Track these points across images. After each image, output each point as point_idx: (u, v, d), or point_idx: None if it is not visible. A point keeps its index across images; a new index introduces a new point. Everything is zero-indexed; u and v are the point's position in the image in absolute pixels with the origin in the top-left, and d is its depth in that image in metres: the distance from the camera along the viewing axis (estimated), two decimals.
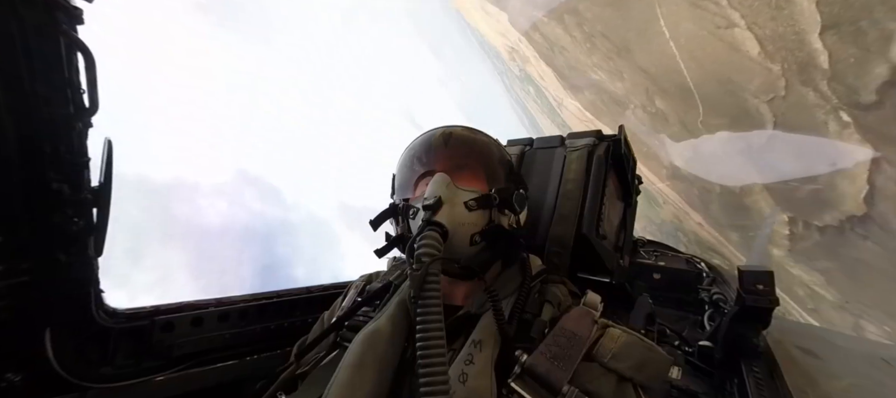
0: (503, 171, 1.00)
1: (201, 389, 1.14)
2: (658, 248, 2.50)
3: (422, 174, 0.97)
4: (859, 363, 1.36)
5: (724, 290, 1.89)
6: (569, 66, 9.79)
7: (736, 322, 1.26)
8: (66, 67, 0.79)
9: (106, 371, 1.01)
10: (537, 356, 0.76)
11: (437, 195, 0.84)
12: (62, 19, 0.76)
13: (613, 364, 0.76)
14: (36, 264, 0.85)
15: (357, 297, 1.08)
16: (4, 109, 0.74)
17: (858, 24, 3.04)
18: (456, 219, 0.85)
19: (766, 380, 1.13)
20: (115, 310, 1.04)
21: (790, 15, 3.52)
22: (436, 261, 0.72)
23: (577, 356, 0.76)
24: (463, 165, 0.95)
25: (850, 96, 3.51)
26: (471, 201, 0.88)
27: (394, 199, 1.05)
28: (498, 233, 0.91)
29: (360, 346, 0.84)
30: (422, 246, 0.74)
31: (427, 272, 0.70)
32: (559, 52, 9.74)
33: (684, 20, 4.83)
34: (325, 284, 1.50)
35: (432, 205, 0.83)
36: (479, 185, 0.94)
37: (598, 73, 8.26)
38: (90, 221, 0.90)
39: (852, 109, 3.54)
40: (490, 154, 0.99)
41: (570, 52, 9.11)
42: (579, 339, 0.78)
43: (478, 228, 0.89)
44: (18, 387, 0.86)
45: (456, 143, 0.97)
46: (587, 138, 1.36)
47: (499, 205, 0.92)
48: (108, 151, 0.90)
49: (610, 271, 1.26)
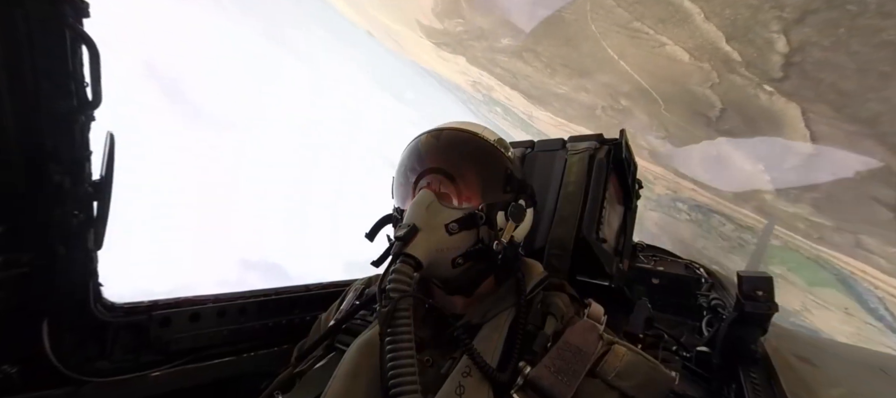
0: (500, 178, 0.91)
1: (198, 385, 1.14)
2: (657, 253, 2.50)
3: (415, 182, 0.92)
4: (856, 371, 1.37)
5: (722, 296, 1.90)
6: (534, 87, 11.50)
7: (735, 327, 1.26)
8: (71, 60, 0.79)
9: (103, 365, 1.01)
10: (541, 369, 0.75)
11: (411, 223, 0.79)
12: (68, 12, 0.76)
13: (617, 382, 0.76)
14: (35, 256, 0.85)
15: (355, 301, 1.07)
16: (8, 101, 0.74)
17: (748, 36, 4.95)
18: (433, 246, 0.80)
19: (763, 387, 1.13)
20: (114, 305, 1.03)
21: (701, 34, 5.38)
22: (405, 298, 0.71)
23: (582, 371, 0.75)
24: (453, 176, 0.88)
25: (765, 75, 5.25)
26: (452, 224, 0.82)
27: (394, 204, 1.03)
28: (481, 256, 0.86)
29: (355, 355, 0.84)
30: (391, 281, 0.72)
31: (395, 308, 0.69)
32: (523, 78, 10.91)
33: (628, 48, 6.76)
34: (324, 283, 1.49)
35: (403, 237, 0.77)
36: (471, 197, 0.88)
37: (563, 89, 9.73)
38: (90, 215, 0.90)
39: (771, 83, 5.34)
40: (485, 160, 0.91)
41: (533, 78, 11.01)
42: (584, 355, 0.78)
43: (460, 251, 0.84)
44: (14, 379, 0.86)
45: (447, 149, 0.90)
46: (588, 142, 1.36)
47: (487, 222, 0.85)
48: (111, 145, 0.90)
49: (609, 275, 1.26)
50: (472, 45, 11.54)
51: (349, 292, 1.13)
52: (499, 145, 0.94)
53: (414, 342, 0.69)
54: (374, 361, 0.77)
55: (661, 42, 6.15)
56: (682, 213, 9.81)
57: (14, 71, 0.74)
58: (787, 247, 8.17)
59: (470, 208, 0.85)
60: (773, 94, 5.58)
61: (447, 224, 0.82)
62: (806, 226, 7.26)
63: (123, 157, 0.91)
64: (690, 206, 9.37)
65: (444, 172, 0.89)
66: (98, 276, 0.97)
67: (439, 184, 0.89)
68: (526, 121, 13.49)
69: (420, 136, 0.95)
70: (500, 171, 0.91)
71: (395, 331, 0.69)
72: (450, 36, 11.95)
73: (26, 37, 0.73)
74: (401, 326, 0.70)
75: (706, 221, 9.23)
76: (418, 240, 0.78)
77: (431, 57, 14.62)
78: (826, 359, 1.42)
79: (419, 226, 0.79)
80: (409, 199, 0.91)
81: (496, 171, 0.91)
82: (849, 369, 1.40)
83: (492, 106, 15.06)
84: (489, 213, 0.86)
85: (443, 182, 0.88)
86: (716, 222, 9.00)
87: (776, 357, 1.26)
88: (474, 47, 11.60)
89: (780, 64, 5.09)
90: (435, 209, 0.83)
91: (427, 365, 0.82)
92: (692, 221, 9.70)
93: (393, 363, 0.66)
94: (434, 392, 0.75)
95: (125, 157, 0.95)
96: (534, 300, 0.92)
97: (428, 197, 0.84)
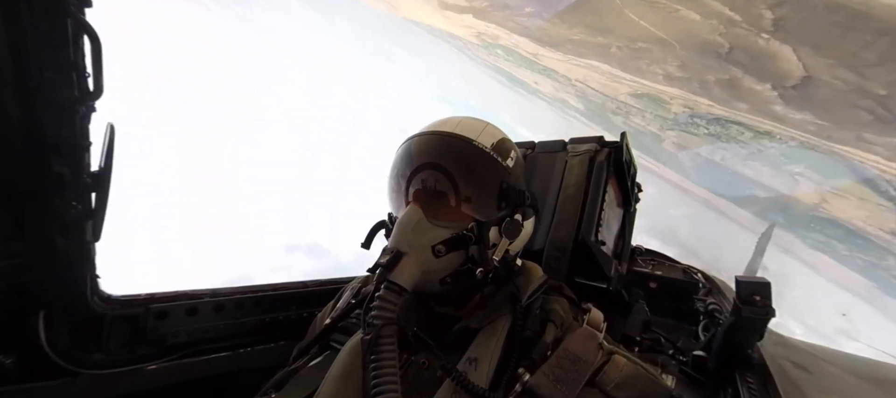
0: (495, 192, 0.84)
1: (193, 379, 1.14)
2: (655, 258, 2.50)
3: (405, 188, 0.87)
4: (852, 380, 1.37)
5: (719, 301, 1.90)
6: (547, 35, 13.43)
7: (732, 332, 1.26)
8: (73, 50, 0.78)
9: (98, 357, 1.00)
10: (540, 377, 0.75)
11: (396, 248, 0.76)
12: (71, 1, 0.76)
13: (615, 393, 0.76)
14: (33, 246, 0.84)
15: (351, 299, 1.06)
16: (10, 89, 0.74)
17: (745, 8, 9.74)
18: (419, 269, 0.77)
19: (759, 392, 1.13)
20: (110, 297, 1.03)
21: (709, 6, 9.17)
22: (389, 325, 0.71)
23: (581, 381, 0.75)
24: (443, 191, 0.83)
25: (761, 29, 9.67)
26: (439, 246, 0.78)
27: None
28: (470, 275, 0.82)
29: (347, 357, 0.84)
30: (375, 308, 0.71)
31: (379, 336, 0.69)
32: (537, 30, 13.28)
33: (646, 13, 9.34)
34: (321, 279, 1.49)
35: (386, 264, 0.74)
36: (462, 213, 0.83)
37: (578, 37, 12.17)
38: (89, 206, 0.89)
39: (766, 32, 9.64)
40: (478, 173, 0.85)
41: (549, 30, 12.85)
42: (584, 364, 0.77)
43: (448, 271, 0.82)
44: (9, 369, 0.85)
45: (439, 155, 0.84)
46: (589, 144, 1.37)
47: (478, 241, 0.81)
48: (110, 136, 0.90)
49: (607, 277, 1.26)
50: (494, 14, 13.26)
51: (346, 291, 1.12)
52: (495, 153, 0.85)
53: (397, 369, 0.69)
54: None
55: (675, 9, 8.88)
56: (701, 128, 12.41)
57: (17, 60, 0.74)
58: (804, 146, 11.17)
59: (459, 227, 0.81)
60: (770, 39, 9.25)
61: (434, 246, 0.79)
62: (815, 128, 10.47)
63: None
64: (708, 121, 13.01)
65: (435, 178, 0.84)
66: (95, 268, 0.97)
67: (433, 185, 0.84)
68: (531, 59, 14.89)
69: (412, 137, 0.90)
70: (494, 184, 0.85)
71: (379, 359, 0.69)
72: (474, 10, 13.68)
73: (30, 25, 0.73)
74: (384, 354, 0.69)
75: (724, 132, 12.49)
76: (403, 266, 0.75)
77: (435, 15, 15.60)
78: (822, 366, 1.42)
79: (404, 251, 0.76)
80: (402, 206, 0.87)
81: (490, 183, 0.85)
82: (845, 378, 1.40)
83: (492, 49, 16.15)
84: (480, 232, 0.82)
85: (437, 182, 0.84)
86: (734, 132, 12.51)
87: (773, 363, 1.26)
88: (496, 15, 13.33)
89: (770, 23, 9.27)
90: (422, 229, 0.79)
91: (422, 367, 0.82)
92: (711, 135, 12.63)
93: (376, 391, 0.66)
94: (430, 394, 0.75)
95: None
96: (533, 305, 0.90)
97: (415, 215, 0.79)
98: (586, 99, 22.09)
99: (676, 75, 10.36)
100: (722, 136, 12.36)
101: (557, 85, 23.39)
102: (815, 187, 11.66)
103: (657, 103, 12.34)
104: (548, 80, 23.36)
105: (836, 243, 14.95)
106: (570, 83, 22.29)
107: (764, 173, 14.32)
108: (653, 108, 14.77)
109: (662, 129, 14.13)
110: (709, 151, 12.69)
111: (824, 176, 11.37)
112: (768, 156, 12.49)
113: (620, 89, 17.44)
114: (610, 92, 18.85)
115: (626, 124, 19.17)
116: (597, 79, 18.96)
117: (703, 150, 12.50)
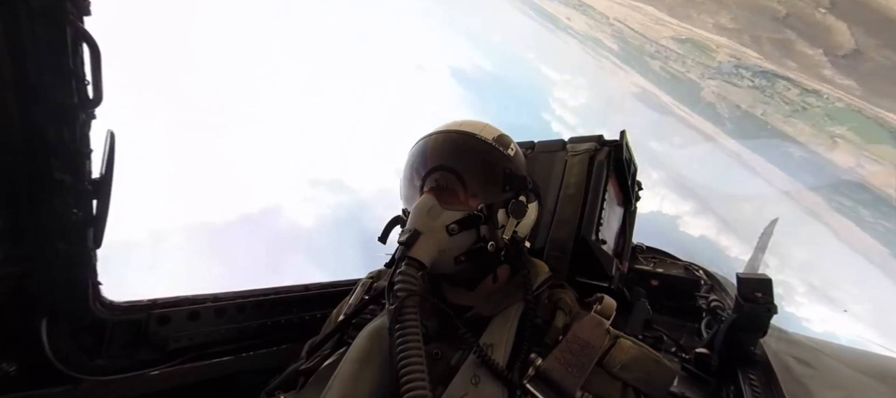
0: (499, 176, 0.95)
1: (195, 383, 1.14)
2: (657, 255, 2.50)
3: (420, 185, 0.97)
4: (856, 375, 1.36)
5: (721, 298, 1.89)
6: None
7: (734, 329, 1.26)
8: (72, 58, 0.79)
9: (100, 363, 1.00)
10: (552, 361, 0.79)
11: (413, 228, 0.84)
12: (70, 9, 0.76)
13: (622, 374, 0.80)
14: (35, 253, 0.85)
15: (364, 295, 1.10)
16: (11, 96, 0.74)
17: None
18: (435, 247, 0.85)
19: (762, 389, 1.13)
20: (112, 302, 1.03)
21: None
22: (411, 296, 0.75)
23: (590, 364, 0.80)
24: (453, 180, 0.93)
25: (818, 3, 10.75)
26: (452, 225, 0.87)
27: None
28: (483, 253, 0.90)
29: (365, 341, 0.87)
30: (398, 281, 0.77)
31: (403, 304, 0.74)
32: None
33: None
34: (323, 283, 1.49)
35: (406, 241, 0.83)
36: (471, 199, 0.92)
37: None
38: (90, 213, 0.90)
39: (823, 7, 10.51)
40: (483, 160, 0.95)
41: None
42: (592, 348, 0.82)
43: (462, 250, 0.89)
44: (12, 376, 0.86)
45: (447, 152, 0.95)
46: (589, 143, 1.36)
47: (488, 221, 0.90)
48: (111, 143, 0.90)
49: (608, 276, 1.26)
50: None
51: (357, 288, 1.16)
52: (497, 144, 0.97)
53: (421, 335, 0.73)
54: (383, 347, 0.81)
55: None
56: (745, 80, 13.13)
57: (17, 67, 0.74)
58: (850, 108, 11.68)
59: (470, 209, 0.90)
60: (827, 14, 9.82)
61: (448, 225, 0.87)
62: (862, 92, 11.10)
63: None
64: (754, 73, 13.63)
65: (445, 173, 0.94)
66: (97, 274, 0.97)
67: (444, 182, 0.93)
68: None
69: (423, 138, 1.00)
70: (498, 169, 0.95)
71: (404, 325, 0.72)
72: None
73: (29, 33, 0.74)
74: (408, 320, 0.73)
75: (770, 87, 13.37)
76: (420, 244, 0.83)
77: None
78: (825, 362, 1.42)
79: (421, 230, 0.84)
80: (415, 200, 0.95)
81: (495, 169, 0.95)
82: (848, 373, 1.39)
83: None
84: (489, 212, 0.90)
85: (447, 181, 0.93)
86: (781, 87, 13.38)
87: (775, 359, 1.26)
88: None
89: (828, 1, 10.33)
90: (435, 212, 0.87)
91: (436, 358, 0.84)
92: (755, 87, 13.24)
93: (402, 354, 0.69)
94: (445, 384, 0.77)
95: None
96: (542, 295, 0.96)
97: (428, 201, 0.88)
98: (623, 39, 21.63)
99: (728, 26, 10.99)
100: (767, 89, 12.77)
101: (592, 23, 22.72)
102: (853, 150, 12.22)
103: (701, 50, 12.68)
104: (582, 16, 22.76)
105: (862, 208, 15.01)
106: (607, 21, 21.74)
107: (804, 132, 14.51)
108: (696, 54, 14.98)
109: (703, 77, 15.09)
110: (750, 104, 13.14)
111: (865, 140, 11.87)
112: (812, 114, 13.16)
113: (663, 32, 17.26)
114: (651, 34, 18.48)
115: (664, 69, 18.91)
116: (639, 19, 18.70)
117: (744, 101, 12.84)
